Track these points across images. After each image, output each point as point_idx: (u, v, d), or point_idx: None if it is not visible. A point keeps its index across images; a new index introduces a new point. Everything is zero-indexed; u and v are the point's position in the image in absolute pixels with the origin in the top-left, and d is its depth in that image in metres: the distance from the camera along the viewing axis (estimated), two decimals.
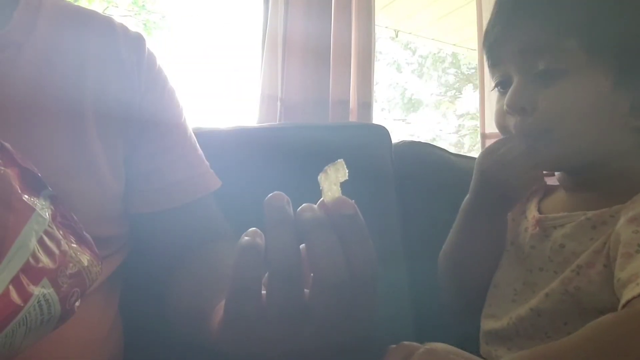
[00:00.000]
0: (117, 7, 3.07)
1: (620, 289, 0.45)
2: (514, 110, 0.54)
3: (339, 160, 0.37)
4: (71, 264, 0.34)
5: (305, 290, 0.36)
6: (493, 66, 0.59)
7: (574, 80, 0.52)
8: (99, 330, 0.56)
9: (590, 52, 0.51)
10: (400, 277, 0.79)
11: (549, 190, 0.63)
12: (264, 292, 0.36)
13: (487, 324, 0.60)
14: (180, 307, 0.57)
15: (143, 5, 3.09)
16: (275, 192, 0.36)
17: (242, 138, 0.90)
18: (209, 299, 0.49)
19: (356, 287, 0.35)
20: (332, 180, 0.36)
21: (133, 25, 3.12)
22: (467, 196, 0.62)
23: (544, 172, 0.64)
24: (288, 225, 0.35)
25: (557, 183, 0.62)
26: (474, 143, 4.36)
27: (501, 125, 0.58)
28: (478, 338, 0.61)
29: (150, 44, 0.67)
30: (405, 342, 0.46)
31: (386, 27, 2.88)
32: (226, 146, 0.84)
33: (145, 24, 3.09)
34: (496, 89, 0.60)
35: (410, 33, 3.02)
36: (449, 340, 0.48)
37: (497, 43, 0.57)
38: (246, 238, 0.35)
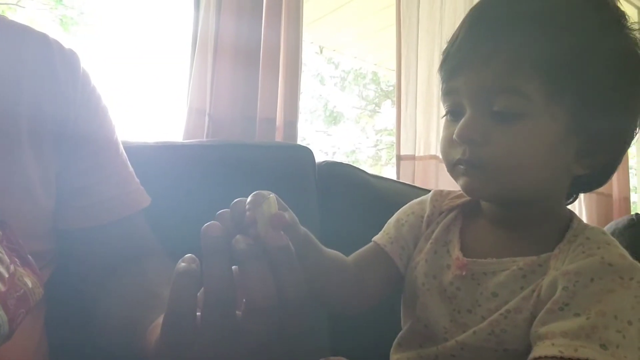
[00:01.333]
0: None
1: (536, 339, 0.48)
2: (463, 141, 0.53)
3: (270, 195, 0.41)
4: (18, 286, 0.36)
5: (238, 312, 0.39)
6: (447, 94, 0.56)
7: (529, 124, 0.51)
8: (27, 346, 0.56)
9: (550, 97, 0.50)
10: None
11: (469, 216, 0.62)
12: (199, 314, 0.39)
13: (406, 356, 0.60)
14: (111, 321, 0.58)
15: (60, 0, 2.94)
16: (211, 222, 0.39)
17: (170, 154, 0.91)
18: (142, 314, 0.51)
19: (286, 311, 0.39)
20: (266, 213, 0.40)
21: (48, 20, 2.95)
22: None
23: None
24: (223, 254, 0.38)
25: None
26: (390, 157, 4.58)
27: (446, 152, 0.57)
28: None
29: (68, 43, 0.66)
30: (333, 357, 0.49)
31: (311, 43, 2.97)
32: (154, 162, 0.84)
33: (61, 19, 2.93)
34: (447, 116, 0.57)
35: (334, 50, 3.13)
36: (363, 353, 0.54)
37: (454, 73, 0.55)
38: (182, 264, 0.38)
